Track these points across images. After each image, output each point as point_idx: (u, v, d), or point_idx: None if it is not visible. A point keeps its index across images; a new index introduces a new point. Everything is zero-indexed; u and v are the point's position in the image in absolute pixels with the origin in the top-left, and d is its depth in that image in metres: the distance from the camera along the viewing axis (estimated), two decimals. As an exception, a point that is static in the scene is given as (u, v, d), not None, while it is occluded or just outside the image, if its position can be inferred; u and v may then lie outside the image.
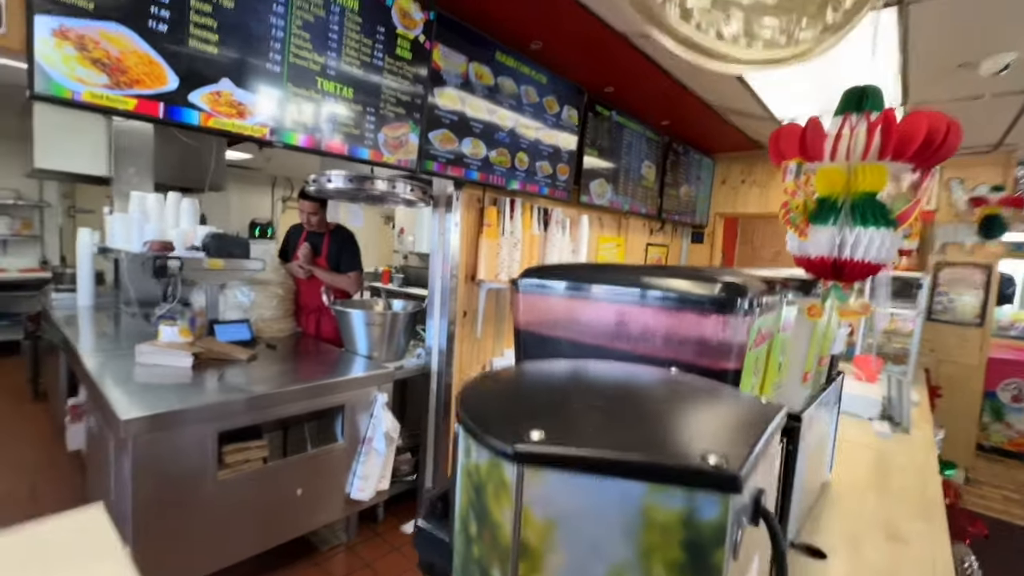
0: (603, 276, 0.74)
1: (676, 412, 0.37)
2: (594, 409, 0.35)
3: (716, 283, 0.64)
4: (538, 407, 0.34)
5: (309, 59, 1.73)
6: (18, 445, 3.37)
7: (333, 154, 1.87)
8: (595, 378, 0.45)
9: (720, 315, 0.63)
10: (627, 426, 0.32)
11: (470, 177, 2.45)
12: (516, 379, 0.41)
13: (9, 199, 5.46)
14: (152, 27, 1.39)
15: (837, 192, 1.00)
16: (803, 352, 1.17)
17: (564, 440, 0.28)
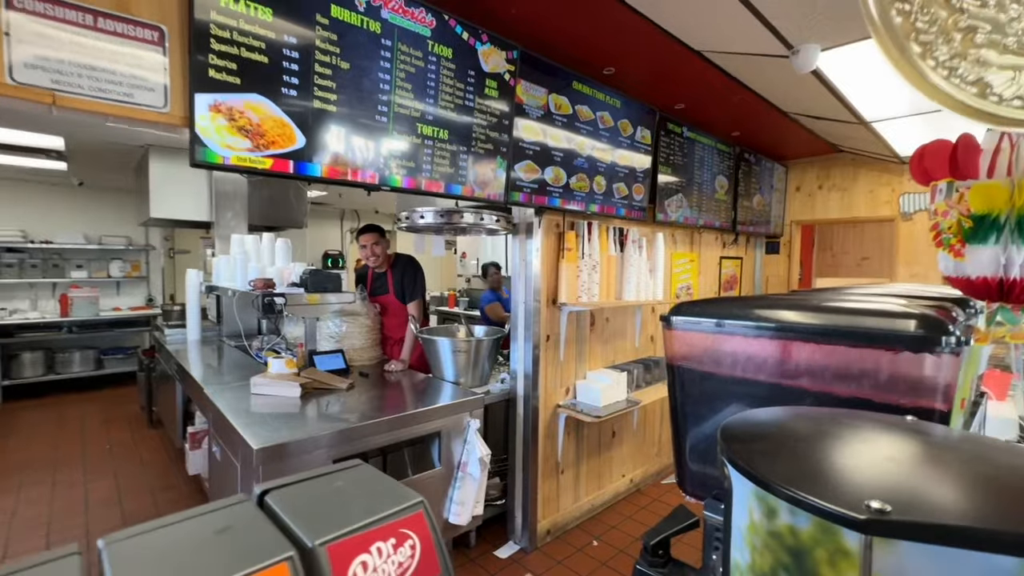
0: (767, 311, 0.74)
1: (1012, 475, 0.36)
2: (923, 471, 0.35)
3: (911, 318, 0.62)
4: (847, 466, 0.34)
5: (410, 107, 1.85)
6: (141, 469, 3.70)
7: (432, 193, 1.97)
8: (878, 432, 0.44)
9: (926, 352, 0.61)
10: (975, 492, 0.32)
11: (552, 204, 2.50)
12: (781, 432, 0.42)
13: (120, 245, 6.11)
14: (284, 93, 1.54)
15: (997, 209, 0.95)
16: (961, 379, 1.10)
17: (911, 509, 0.29)
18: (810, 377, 0.71)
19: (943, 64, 0.62)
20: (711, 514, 0.66)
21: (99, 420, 4.78)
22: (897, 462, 0.38)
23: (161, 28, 1.42)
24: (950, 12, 0.62)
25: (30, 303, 5.72)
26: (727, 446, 0.41)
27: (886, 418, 0.47)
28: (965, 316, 0.77)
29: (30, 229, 5.62)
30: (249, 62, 1.46)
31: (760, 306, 0.80)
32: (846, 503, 0.30)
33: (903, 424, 0.47)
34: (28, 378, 5.41)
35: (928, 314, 0.63)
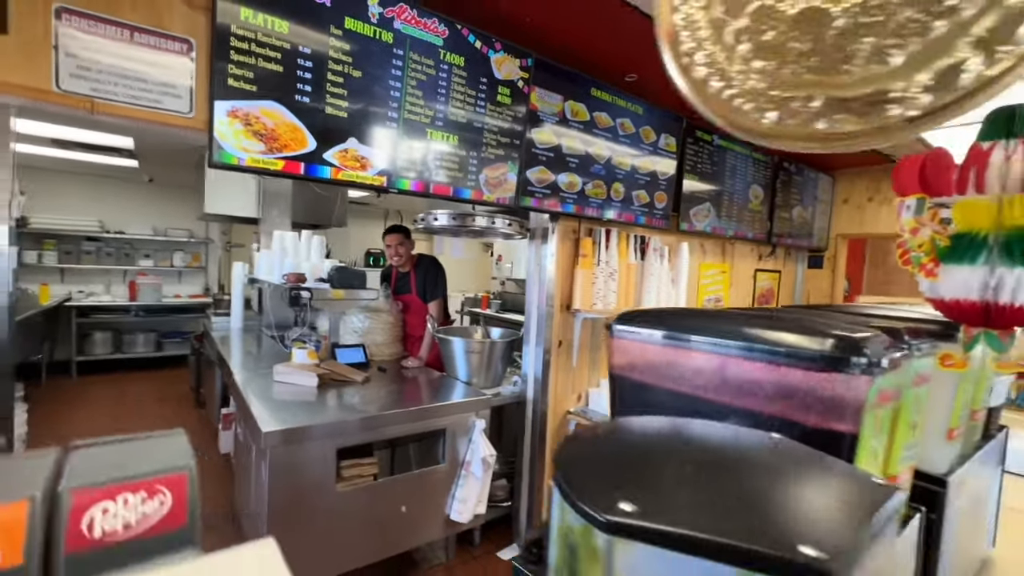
0: (702, 325, 0.73)
1: (776, 489, 0.36)
2: (689, 479, 0.35)
3: (828, 337, 0.61)
4: (633, 474, 0.35)
5: (420, 113, 1.93)
6: (183, 445, 3.99)
7: (439, 196, 2.04)
8: (693, 443, 0.45)
9: (833, 373, 0.59)
10: (722, 502, 0.33)
11: (566, 210, 2.51)
12: (612, 438, 0.43)
13: (183, 237, 6.62)
14: (298, 100, 1.65)
15: (982, 228, 0.89)
16: (947, 406, 1.03)
17: (655, 513, 0.30)
18: (733, 394, 0.70)
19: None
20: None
21: (154, 397, 5.21)
22: (682, 473, 0.38)
23: (190, 41, 1.56)
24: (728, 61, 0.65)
25: (104, 287, 6.30)
26: (558, 450, 0.42)
27: (735, 433, 0.46)
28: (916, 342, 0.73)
29: (107, 220, 6.20)
30: (265, 71, 1.58)
31: (698, 319, 0.79)
32: (602, 506, 0.31)
33: (742, 439, 0.46)
34: (99, 355, 5.96)
35: (846, 335, 0.61)
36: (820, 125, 0.52)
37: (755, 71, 0.58)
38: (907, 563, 0.83)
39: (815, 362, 0.61)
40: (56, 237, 5.81)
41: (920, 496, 1.01)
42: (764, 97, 0.57)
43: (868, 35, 0.50)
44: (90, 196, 6.15)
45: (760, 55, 0.58)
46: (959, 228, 0.91)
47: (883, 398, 0.62)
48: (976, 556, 1.33)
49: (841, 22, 0.52)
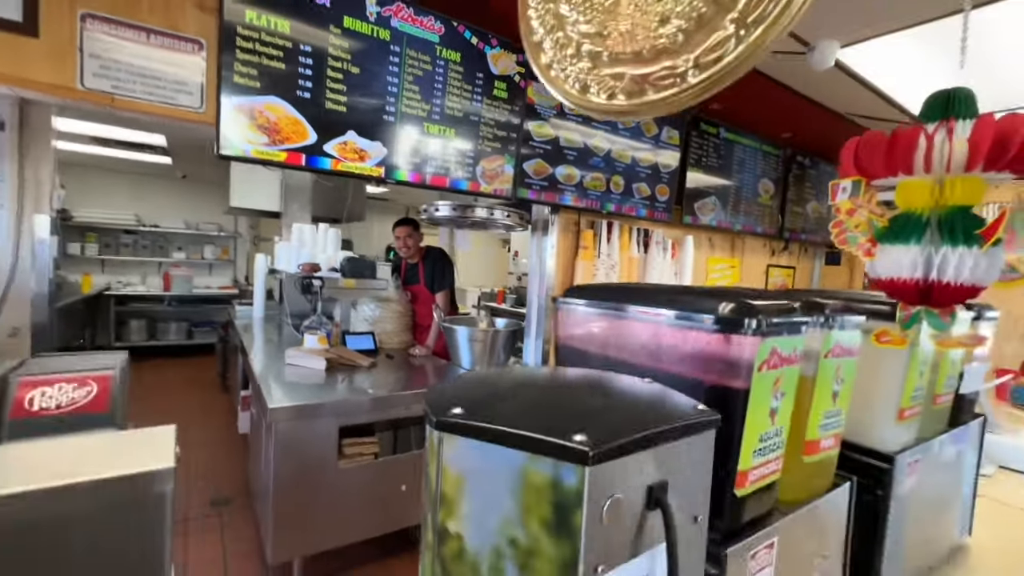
0: (625, 296, 0.79)
1: (597, 406, 0.41)
2: (526, 399, 0.42)
3: (723, 302, 0.66)
4: (481, 396, 0.42)
5: (417, 107, 2.02)
6: (206, 427, 4.23)
7: (436, 187, 2.12)
8: (562, 378, 0.51)
9: (724, 335, 0.64)
10: (539, 412, 0.39)
11: (564, 202, 2.56)
12: (493, 377, 0.50)
13: (213, 231, 6.93)
14: (299, 95, 1.76)
15: (920, 207, 0.91)
16: (896, 385, 1.05)
17: (475, 417, 0.36)
18: (654, 358, 0.76)
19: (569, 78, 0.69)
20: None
21: (184, 382, 5.49)
22: (522, 395, 0.44)
23: (201, 41, 1.68)
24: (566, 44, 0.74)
25: (140, 278, 6.66)
26: (434, 386, 0.49)
27: (610, 375, 0.52)
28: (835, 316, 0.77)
29: (144, 215, 6.55)
30: (269, 69, 1.69)
31: (631, 292, 0.85)
32: (438, 409, 0.38)
33: (611, 378, 0.52)
34: (135, 342, 6.31)
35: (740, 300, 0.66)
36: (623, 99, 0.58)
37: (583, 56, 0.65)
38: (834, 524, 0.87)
39: (711, 324, 0.66)
40: (97, 230, 6.18)
41: (865, 471, 1.04)
42: (589, 78, 0.63)
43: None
44: (129, 192, 6.51)
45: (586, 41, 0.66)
46: (900, 207, 0.94)
47: (778, 361, 0.67)
48: (945, 542, 1.33)
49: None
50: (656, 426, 0.37)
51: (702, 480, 0.43)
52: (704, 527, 0.44)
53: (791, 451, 0.79)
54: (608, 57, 0.64)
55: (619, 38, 0.62)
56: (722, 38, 0.52)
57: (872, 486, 1.06)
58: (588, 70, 0.67)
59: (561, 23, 0.75)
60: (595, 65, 0.66)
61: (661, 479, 0.38)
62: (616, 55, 0.62)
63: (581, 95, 0.68)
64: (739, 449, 0.65)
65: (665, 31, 0.56)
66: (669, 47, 0.56)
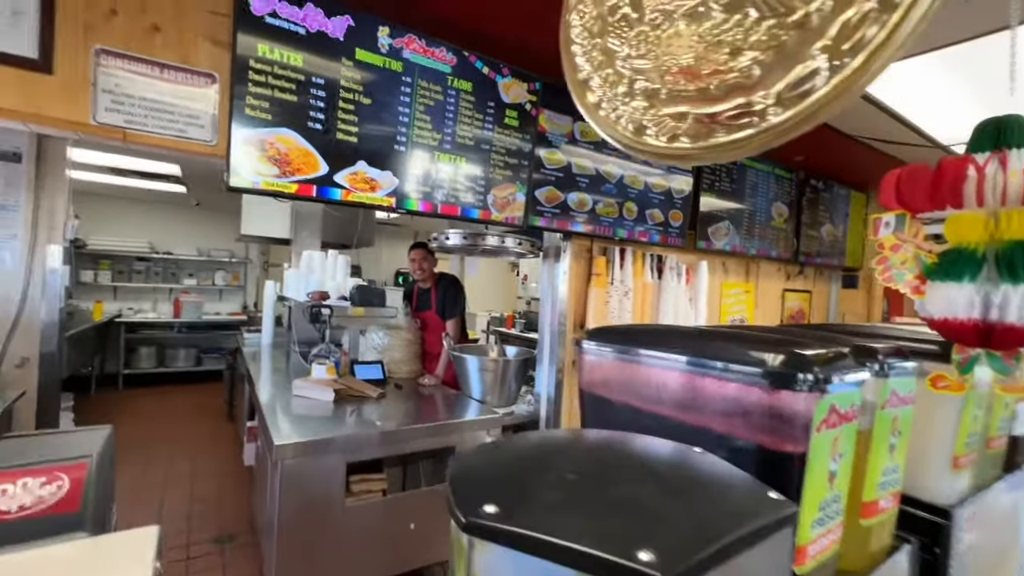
0: (655, 340, 0.73)
1: (654, 496, 0.35)
2: (565, 484, 0.36)
3: (769, 352, 0.59)
4: (514, 481, 0.36)
5: (429, 136, 2.00)
6: (212, 457, 4.15)
7: (447, 216, 2.09)
8: (601, 450, 0.45)
9: (772, 390, 0.58)
10: (588, 506, 0.33)
11: (576, 229, 2.52)
12: (517, 447, 0.44)
13: (224, 257, 6.98)
14: (310, 127, 1.75)
15: (974, 242, 0.85)
16: (950, 432, 0.97)
17: (513, 517, 0.30)
18: (687, 412, 0.70)
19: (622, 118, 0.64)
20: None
21: (192, 410, 5.44)
22: (561, 479, 0.38)
23: (214, 75, 1.68)
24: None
25: (151, 304, 6.69)
26: (455, 460, 0.43)
27: (650, 443, 0.45)
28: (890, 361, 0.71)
29: (156, 241, 6.62)
30: (281, 101, 1.69)
31: (659, 336, 0.79)
32: (467, 505, 0.32)
33: (651, 448, 0.46)
34: (144, 369, 6.30)
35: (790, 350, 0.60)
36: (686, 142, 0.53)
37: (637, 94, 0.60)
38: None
39: (757, 378, 0.59)
40: (110, 258, 6.24)
41: (920, 528, 0.95)
42: (645, 118, 0.58)
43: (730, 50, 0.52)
44: (142, 219, 6.60)
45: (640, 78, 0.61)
46: (950, 243, 0.87)
47: (837, 419, 0.60)
48: (1006, 599, 1.22)
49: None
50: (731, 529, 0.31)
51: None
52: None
53: (849, 515, 0.71)
54: (667, 95, 0.59)
55: (680, 74, 0.58)
56: (811, 70, 0.47)
57: (929, 544, 0.96)
58: (644, 109, 0.62)
59: (611, 59, 0.71)
60: (652, 104, 0.61)
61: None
62: (676, 92, 0.58)
63: (636, 136, 0.64)
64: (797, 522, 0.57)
65: (737, 64, 0.51)
66: (743, 82, 0.51)
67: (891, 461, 0.74)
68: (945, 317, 0.84)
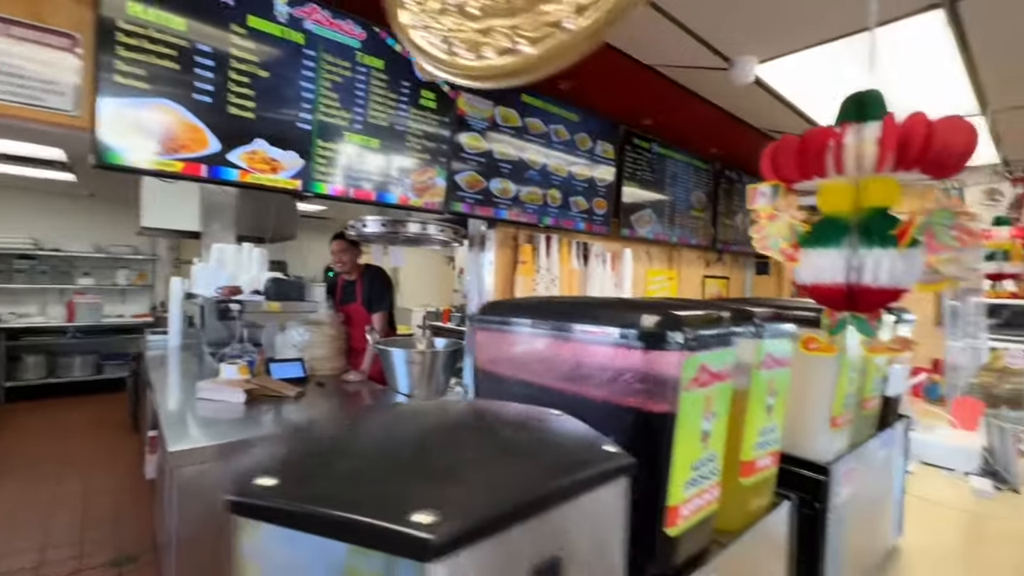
0: (539, 311, 0.71)
1: (468, 457, 0.32)
2: (376, 453, 0.31)
3: (640, 313, 0.58)
4: (318, 453, 0.31)
5: (337, 116, 1.88)
6: (112, 472, 3.75)
7: (361, 201, 1.99)
8: (446, 416, 0.41)
9: (644, 351, 0.57)
10: (387, 472, 0.29)
11: (500, 216, 2.49)
12: (352, 424, 0.39)
13: (127, 253, 6.34)
14: (197, 99, 1.59)
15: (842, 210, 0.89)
16: (827, 393, 1.03)
17: (292, 489, 0.25)
18: (571, 380, 0.68)
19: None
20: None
21: (89, 423, 4.90)
22: (389, 442, 0.34)
23: (75, 36, 1.48)
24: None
25: (38, 308, 5.95)
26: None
27: (499, 408, 0.42)
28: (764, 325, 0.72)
29: (42, 237, 5.88)
30: (160, 69, 1.51)
31: (545, 306, 0.77)
32: (241, 480, 0.27)
33: (497, 412, 0.43)
34: (30, 380, 5.59)
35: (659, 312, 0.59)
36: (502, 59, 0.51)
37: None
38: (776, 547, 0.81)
39: (631, 340, 0.58)
40: (-16, 255, 5.48)
41: (802, 485, 1.00)
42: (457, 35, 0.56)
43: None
44: (26, 212, 5.84)
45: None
46: (823, 212, 0.92)
47: (711, 377, 0.60)
48: (881, 546, 1.33)
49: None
50: (544, 484, 0.28)
51: (613, 541, 0.33)
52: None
53: (727, 475, 0.73)
54: (479, 9, 0.57)
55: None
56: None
57: (809, 500, 1.02)
58: (456, 26, 0.59)
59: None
60: (463, 20, 0.58)
61: (551, 556, 0.28)
62: (486, 7, 0.55)
63: (449, 56, 0.60)
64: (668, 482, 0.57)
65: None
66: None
67: (769, 421, 0.77)
68: (816, 282, 0.88)
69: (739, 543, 0.71)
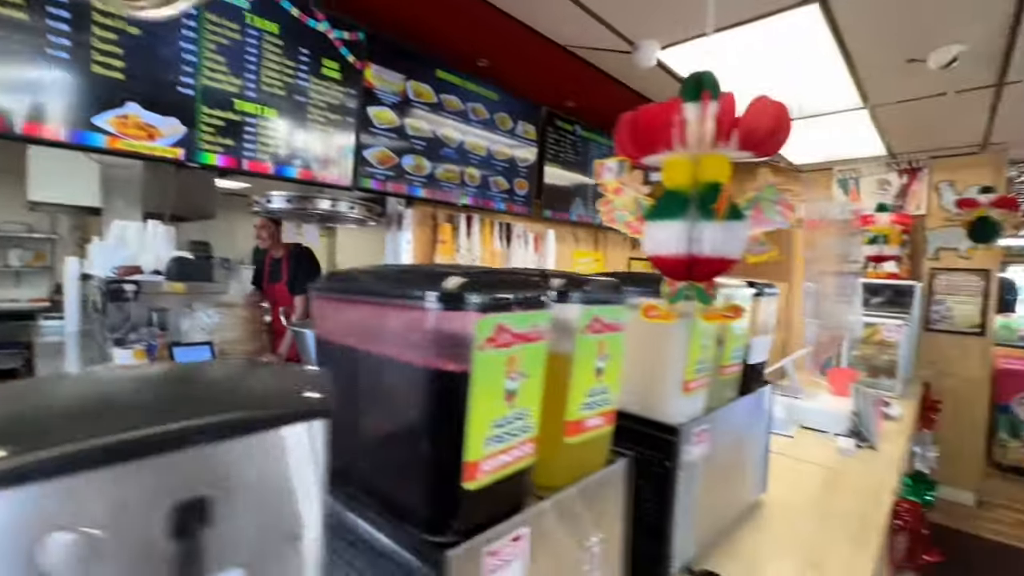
0: (357, 279, 0.71)
1: (109, 407, 0.31)
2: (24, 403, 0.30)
3: (444, 278, 0.59)
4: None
5: (225, 81, 1.77)
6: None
7: (256, 174, 1.89)
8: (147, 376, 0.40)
9: (441, 311, 0.58)
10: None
11: (414, 193, 2.45)
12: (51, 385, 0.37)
13: (19, 232, 5.74)
14: (52, 54, 1.44)
15: (683, 184, 0.94)
16: (679, 360, 1.09)
17: None
18: (386, 344, 0.68)
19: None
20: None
21: (-26, 418, 4.44)
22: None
23: None
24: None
25: (-91, 292, 5.29)
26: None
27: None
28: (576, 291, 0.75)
29: (-89, 212, 5.21)
30: (3, 19, 1.35)
31: (370, 274, 0.77)
32: None
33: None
34: (-98, 373, 4.99)
35: (467, 275, 0.60)
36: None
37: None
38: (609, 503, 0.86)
39: (428, 302, 0.59)
40: None
41: (654, 444, 1.07)
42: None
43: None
44: None
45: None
46: (667, 186, 0.96)
47: (514, 337, 0.62)
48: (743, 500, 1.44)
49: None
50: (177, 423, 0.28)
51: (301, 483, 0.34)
52: (315, 544, 0.36)
53: (553, 434, 0.76)
54: None
55: None
56: None
57: (661, 458, 1.09)
58: None
59: None
60: None
61: (197, 495, 0.28)
62: None
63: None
64: (463, 439, 0.59)
65: None
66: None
67: (598, 383, 0.80)
68: (659, 253, 0.92)
69: (562, 496, 0.75)
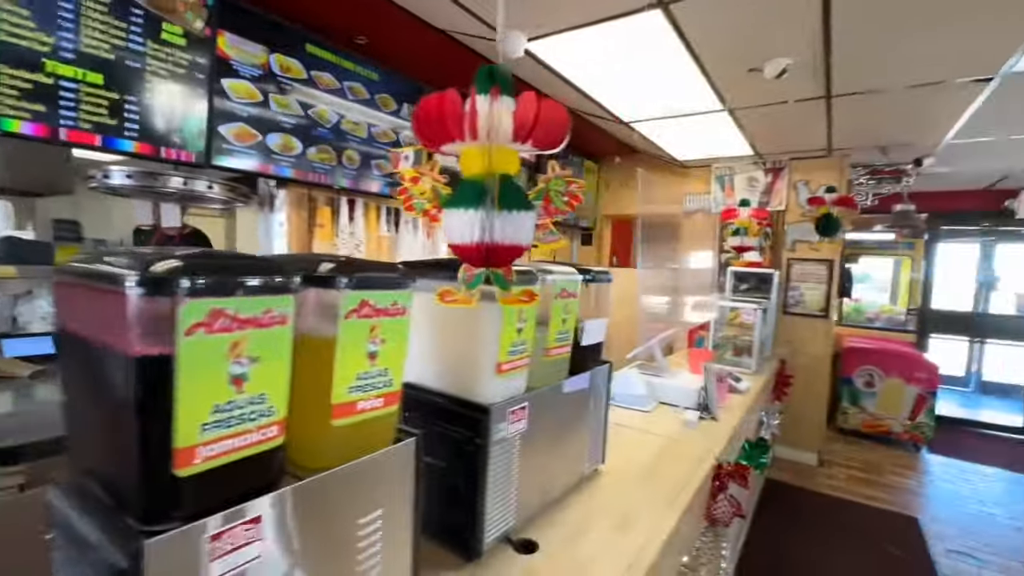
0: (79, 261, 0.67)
1: None
2: None
3: (147, 260, 0.57)
4: None
5: (31, 38, 1.56)
6: None
7: (78, 144, 1.70)
8: None
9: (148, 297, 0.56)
10: None
11: (282, 174, 2.33)
12: None
13: None
14: None
15: (479, 174, 0.98)
16: (491, 343, 1.14)
17: None
18: (90, 327, 0.65)
19: None
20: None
21: None
22: None
23: None
24: None
25: None
26: None
27: None
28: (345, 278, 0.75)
29: None
30: None
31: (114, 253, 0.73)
32: None
33: None
34: None
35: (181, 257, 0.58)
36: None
37: None
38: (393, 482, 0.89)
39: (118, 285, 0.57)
40: None
41: (467, 423, 1.12)
42: None
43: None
44: None
45: None
46: (464, 175, 0.99)
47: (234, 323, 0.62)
48: (576, 471, 1.54)
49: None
50: None
51: None
52: None
53: (316, 416, 0.77)
54: None
55: None
56: None
57: (472, 436, 1.14)
58: None
59: None
60: None
61: None
62: None
63: None
64: (175, 424, 0.58)
65: None
66: None
67: (372, 367, 0.82)
68: (455, 242, 0.95)
69: (326, 475, 0.76)
